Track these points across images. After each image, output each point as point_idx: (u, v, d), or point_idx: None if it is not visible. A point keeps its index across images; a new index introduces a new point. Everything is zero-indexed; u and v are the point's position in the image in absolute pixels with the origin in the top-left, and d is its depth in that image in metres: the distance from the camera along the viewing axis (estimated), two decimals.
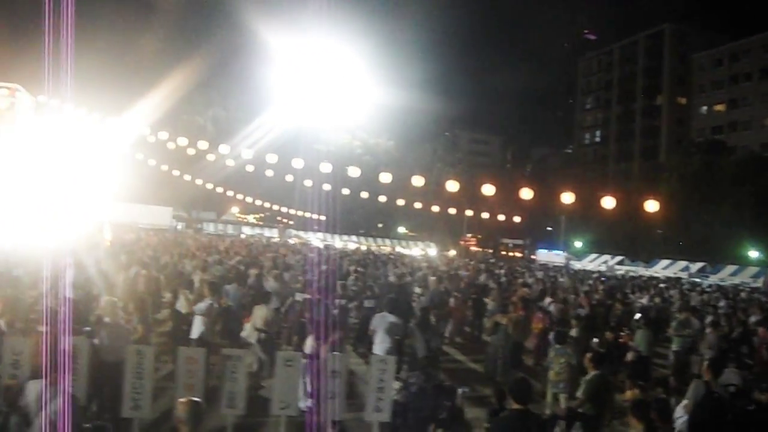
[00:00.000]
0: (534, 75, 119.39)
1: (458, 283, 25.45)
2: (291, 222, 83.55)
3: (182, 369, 9.08)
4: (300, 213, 69.91)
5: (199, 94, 71.37)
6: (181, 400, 6.05)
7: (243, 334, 13.22)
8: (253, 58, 68.67)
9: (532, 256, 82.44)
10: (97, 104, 35.63)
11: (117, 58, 62.39)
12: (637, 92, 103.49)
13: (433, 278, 24.17)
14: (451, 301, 20.07)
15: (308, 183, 45.69)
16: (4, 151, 28.97)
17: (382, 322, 12.55)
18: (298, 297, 15.04)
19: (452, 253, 75.67)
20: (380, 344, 12.32)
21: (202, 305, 12.51)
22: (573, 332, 14.07)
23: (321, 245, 53.83)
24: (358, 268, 26.90)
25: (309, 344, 10.61)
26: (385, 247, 78.79)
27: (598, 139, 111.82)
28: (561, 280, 36.94)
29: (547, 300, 20.56)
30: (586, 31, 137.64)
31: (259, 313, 12.67)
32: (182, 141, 37.41)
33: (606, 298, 24.80)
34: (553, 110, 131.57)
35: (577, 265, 65.40)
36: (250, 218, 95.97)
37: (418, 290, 22.57)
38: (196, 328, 12.24)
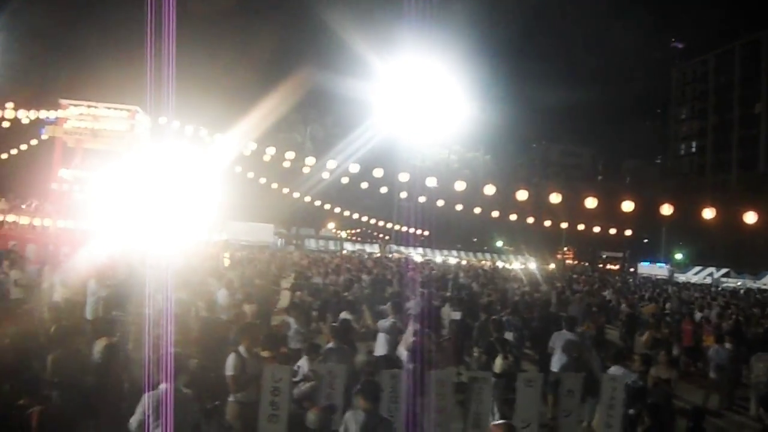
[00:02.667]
0: (622, 85, 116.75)
1: (596, 300, 24.97)
2: (387, 237, 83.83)
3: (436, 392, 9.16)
4: (397, 227, 70.10)
5: (297, 112, 72.41)
6: (496, 423, 6.19)
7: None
8: (349, 75, 69.29)
9: (631, 269, 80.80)
10: (202, 122, 36.64)
11: (217, 78, 63.84)
12: (734, 101, 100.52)
13: (577, 295, 23.84)
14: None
15: (405, 196, 45.77)
16: (125, 171, 29.89)
17: (560, 340, 12.41)
18: (454, 315, 14.94)
19: (551, 266, 74.76)
20: (558, 361, 12.16)
21: (385, 323, 12.51)
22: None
23: (421, 260, 53.87)
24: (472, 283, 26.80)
25: (499, 363, 10.56)
26: (484, 261, 78.36)
27: (694, 150, 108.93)
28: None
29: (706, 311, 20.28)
30: (674, 41, 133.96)
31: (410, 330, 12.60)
32: (290, 155, 38.17)
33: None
34: (643, 121, 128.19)
35: (681, 278, 63.84)
36: (343, 234, 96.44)
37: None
38: (380, 346, 12.25)
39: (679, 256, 78.11)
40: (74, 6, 68.44)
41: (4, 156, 40.57)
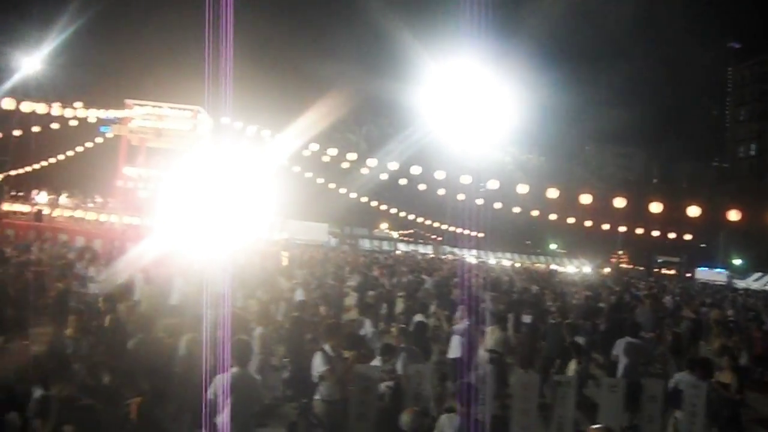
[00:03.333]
0: (675, 86, 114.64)
1: (662, 305, 24.75)
2: (440, 238, 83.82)
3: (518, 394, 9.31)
4: (450, 228, 69.98)
5: (353, 112, 72.85)
6: (595, 427, 6.34)
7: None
8: (404, 76, 69.58)
9: (687, 274, 79.63)
10: (260, 122, 37.19)
11: (276, 80, 64.65)
12: None
13: (647, 300, 23.66)
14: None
15: (460, 198, 45.70)
16: (188, 170, 30.42)
17: (624, 346, 12.37)
18: (525, 319, 15.01)
19: (606, 270, 74.13)
20: (624, 368, 12.15)
21: (460, 326, 12.66)
22: None
23: (475, 262, 53.81)
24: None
25: (572, 368, 10.64)
26: (538, 264, 77.99)
27: (753, 153, 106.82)
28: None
29: None
30: (731, 41, 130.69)
31: (494, 335, 12.68)
32: (351, 156, 38.68)
33: None
34: (697, 123, 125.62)
35: (740, 284, 62.76)
36: (394, 234, 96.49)
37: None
38: (455, 349, 12.41)
39: (737, 261, 76.77)
40: (139, 8, 69.90)
41: (70, 153, 41.64)
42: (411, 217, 71.38)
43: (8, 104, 25.32)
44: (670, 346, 13.53)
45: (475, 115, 65.42)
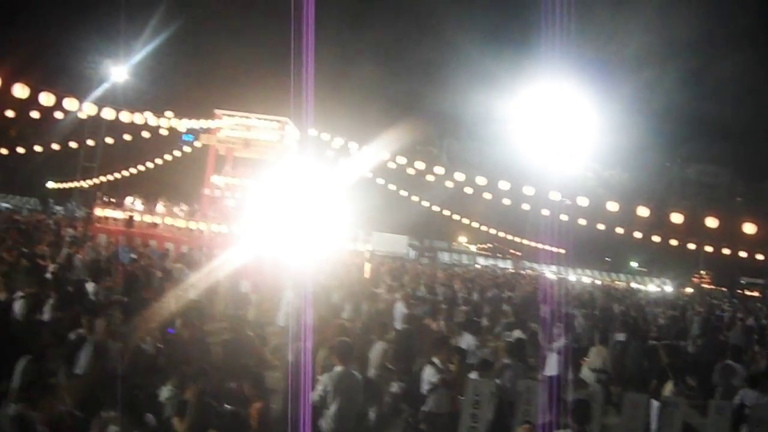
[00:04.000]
0: (759, 101, 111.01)
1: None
2: (519, 253, 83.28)
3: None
4: (529, 243, 69.45)
5: (434, 125, 72.98)
6: None
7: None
8: (486, 90, 69.39)
9: None
10: (344, 134, 37.56)
11: (360, 92, 65.23)
12: None
13: (739, 323, 23.17)
14: None
15: (541, 212, 45.33)
16: (275, 180, 30.83)
17: (724, 369, 12.10)
18: (619, 337, 14.76)
19: (688, 290, 72.48)
20: (724, 391, 11.85)
21: (557, 344, 12.56)
22: None
23: (555, 278, 53.18)
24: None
25: (669, 389, 10.43)
26: (618, 282, 76.78)
27: None
28: None
29: None
30: None
31: (599, 354, 12.51)
32: (439, 170, 38.85)
33: None
34: None
35: None
36: (472, 248, 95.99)
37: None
38: (552, 367, 12.30)
39: None
40: (229, 19, 71.39)
41: (159, 162, 42.69)
42: (490, 230, 71.01)
43: (108, 113, 26.02)
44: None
45: (558, 129, 64.94)
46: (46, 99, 21.49)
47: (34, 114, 32.98)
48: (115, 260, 18.29)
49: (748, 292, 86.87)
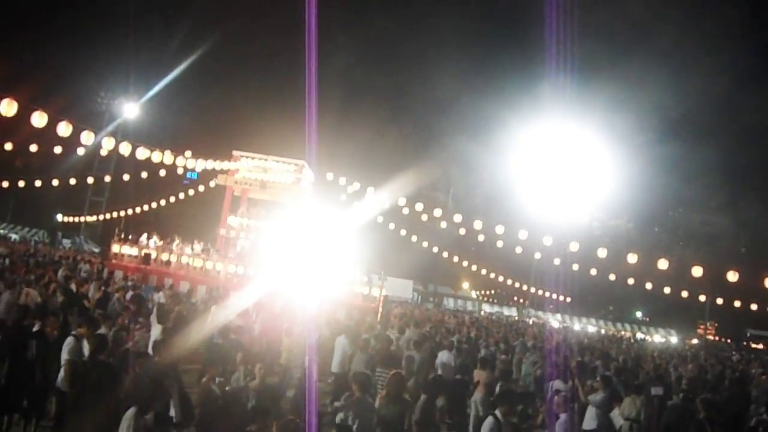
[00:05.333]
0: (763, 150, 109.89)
1: None
2: (523, 300, 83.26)
3: None
4: (534, 290, 69.50)
5: (441, 170, 73.50)
6: None
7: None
8: (492, 138, 70.05)
9: None
10: (349, 176, 37.98)
11: (370, 139, 65.95)
12: None
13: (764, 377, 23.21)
14: None
15: (545, 259, 45.61)
16: (288, 221, 31.04)
17: (758, 422, 12.26)
18: (656, 390, 14.78)
19: (694, 341, 72.37)
20: None
21: (596, 396, 12.68)
22: None
23: (559, 327, 53.22)
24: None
25: None
26: (624, 332, 76.70)
27: None
28: None
29: None
30: None
31: (632, 404, 12.68)
32: (457, 218, 39.20)
33: None
34: None
35: None
36: (473, 294, 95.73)
37: None
38: (591, 420, 12.42)
39: None
40: (246, 64, 72.40)
41: (172, 199, 43.04)
42: (493, 276, 70.97)
43: (124, 149, 26.23)
44: None
45: (564, 177, 65.39)
46: (65, 129, 21.53)
47: (38, 146, 32.97)
48: (141, 300, 18.44)
49: (753, 345, 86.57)
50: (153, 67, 64.18)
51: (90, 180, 52.97)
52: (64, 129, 21.05)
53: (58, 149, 33.44)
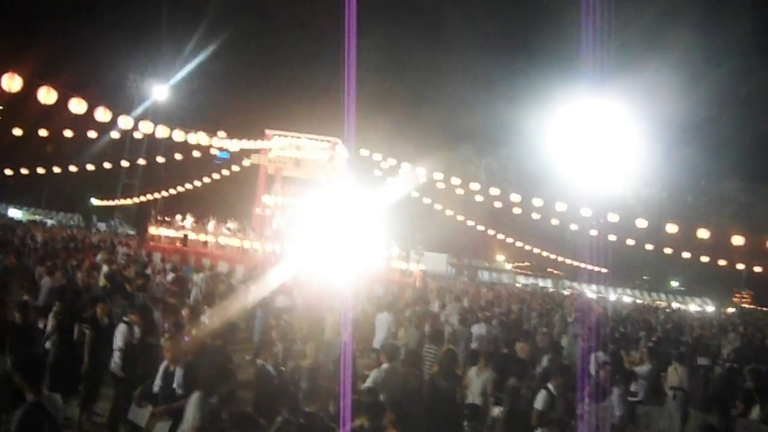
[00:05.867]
0: None
1: None
2: (558, 272, 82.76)
3: None
4: (569, 262, 69.02)
5: (473, 144, 73.27)
6: None
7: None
8: (526, 108, 69.44)
9: None
10: (384, 152, 37.81)
11: (403, 113, 65.74)
12: None
13: None
14: None
15: (579, 230, 45.20)
16: (323, 198, 31.03)
17: None
18: (702, 360, 14.74)
19: (730, 310, 71.74)
20: None
21: (643, 368, 12.63)
22: None
23: (595, 297, 52.90)
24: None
25: (756, 413, 10.40)
26: (659, 301, 76.19)
27: None
28: None
29: None
30: None
31: (676, 373, 12.59)
32: (473, 186, 38.85)
33: None
34: None
35: None
36: (507, 266, 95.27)
37: None
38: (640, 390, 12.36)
39: None
40: (277, 43, 72.37)
41: (207, 180, 43.15)
42: (528, 248, 70.57)
43: (162, 132, 26.15)
44: None
45: (598, 147, 64.83)
46: (103, 115, 21.47)
47: (73, 132, 33.12)
48: (183, 282, 18.50)
49: None
50: (182, 48, 64.27)
51: (125, 163, 53.25)
52: (102, 114, 21.01)
53: (92, 134, 33.57)
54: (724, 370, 14.59)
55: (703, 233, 31.17)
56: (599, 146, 66.66)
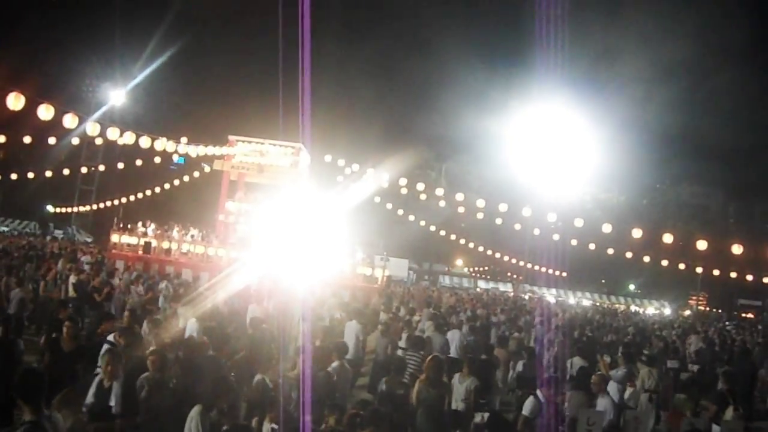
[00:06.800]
0: (745, 121, 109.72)
1: None
2: (515, 276, 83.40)
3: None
4: (529, 266, 69.57)
5: (433, 148, 73.63)
6: None
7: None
8: (485, 114, 70.04)
9: None
10: (347, 157, 37.91)
11: (362, 118, 65.82)
12: None
13: None
14: None
15: (539, 234, 45.70)
16: (286, 204, 30.89)
17: None
18: (670, 364, 14.95)
19: (687, 312, 72.95)
20: None
21: (618, 372, 12.73)
22: None
23: (554, 301, 53.44)
24: None
25: (729, 415, 10.57)
26: (618, 304, 77.24)
27: None
28: None
29: None
30: None
31: (649, 376, 12.78)
32: (436, 191, 39.11)
33: None
34: None
35: None
36: (465, 270, 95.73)
37: None
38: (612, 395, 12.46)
39: None
40: (238, 48, 71.91)
41: (167, 186, 42.81)
42: (488, 252, 70.95)
43: (128, 138, 25.80)
44: None
45: (555, 152, 65.57)
46: (71, 121, 21.07)
47: (32, 138, 32.45)
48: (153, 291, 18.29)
49: (743, 314, 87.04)
50: (140, 53, 63.53)
51: (84, 170, 52.58)
52: (70, 121, 20.63)
53: (52, 140, 33.02)
54: (692, 372, 14.87)
55: (667, 238, 31.62)
56: (558, 151, 67.46)
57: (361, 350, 14.49)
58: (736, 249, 28.94)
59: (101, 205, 55.13)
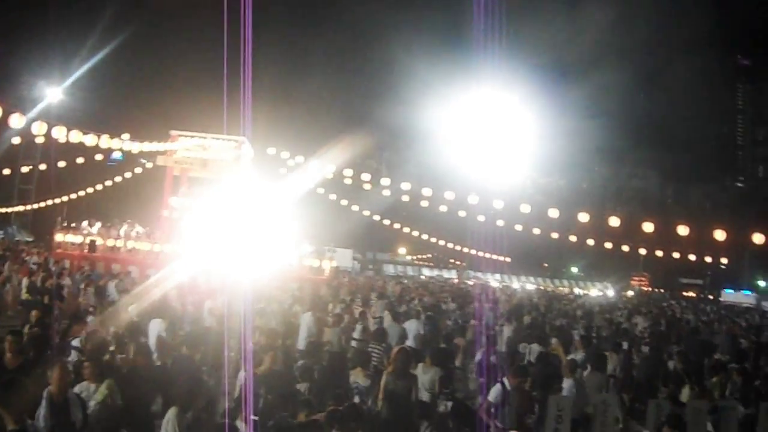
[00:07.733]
0: (680, 105, 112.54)
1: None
2: (459, 262, 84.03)
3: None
4: (472, 252, 70.20)
5: (373, 137, 73.73)
6: None
7: None
8: (424, 101, 70.45)
9: (710, 297, 79.43)
10: (289, 149, 38.08)
11: (301, 109, 65.75)
12: None
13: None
14: None
15: (482, 221, 46.31)
16: (230, 198, 30.93)
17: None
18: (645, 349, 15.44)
19: (630, 293, 74.32)
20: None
21: (578, 356, 13.06)
22: None
23: (499, 286, 54.20)
24: None
25: (686, 394, 11.08)
26: (562, 288, 78.35)
27: None
28: None
29: None
30: (740, 57, 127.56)
31: (611, 361, 13.29)
32: (374, 179, 39.49)
33: None
34: (707, 141, 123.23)
35: None
36: (408, 258, 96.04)
37: None
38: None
39: (762, 283, 76.42)
40: (177, 43, 71.09)
41: (109, 183, 42.44)
42: (431, 240, 71.36)
43: (75, 136, 25.67)
44: None
45: (497, 138, 66.29)
46: (18, 121, 20.88)
47: None
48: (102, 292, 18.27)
49: (684, 293, 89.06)
50: (78, 48, 62.48)
51: (24, 169, 51.65)
52: (17, 121, 20.42)
53: None
54: (646, 352, 15.43)
55: (614, 221, 32.53)
56: (501, 136, 68.22)
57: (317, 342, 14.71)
58: (682, 230, 29.75)
59: (42, 204, 54.10)
